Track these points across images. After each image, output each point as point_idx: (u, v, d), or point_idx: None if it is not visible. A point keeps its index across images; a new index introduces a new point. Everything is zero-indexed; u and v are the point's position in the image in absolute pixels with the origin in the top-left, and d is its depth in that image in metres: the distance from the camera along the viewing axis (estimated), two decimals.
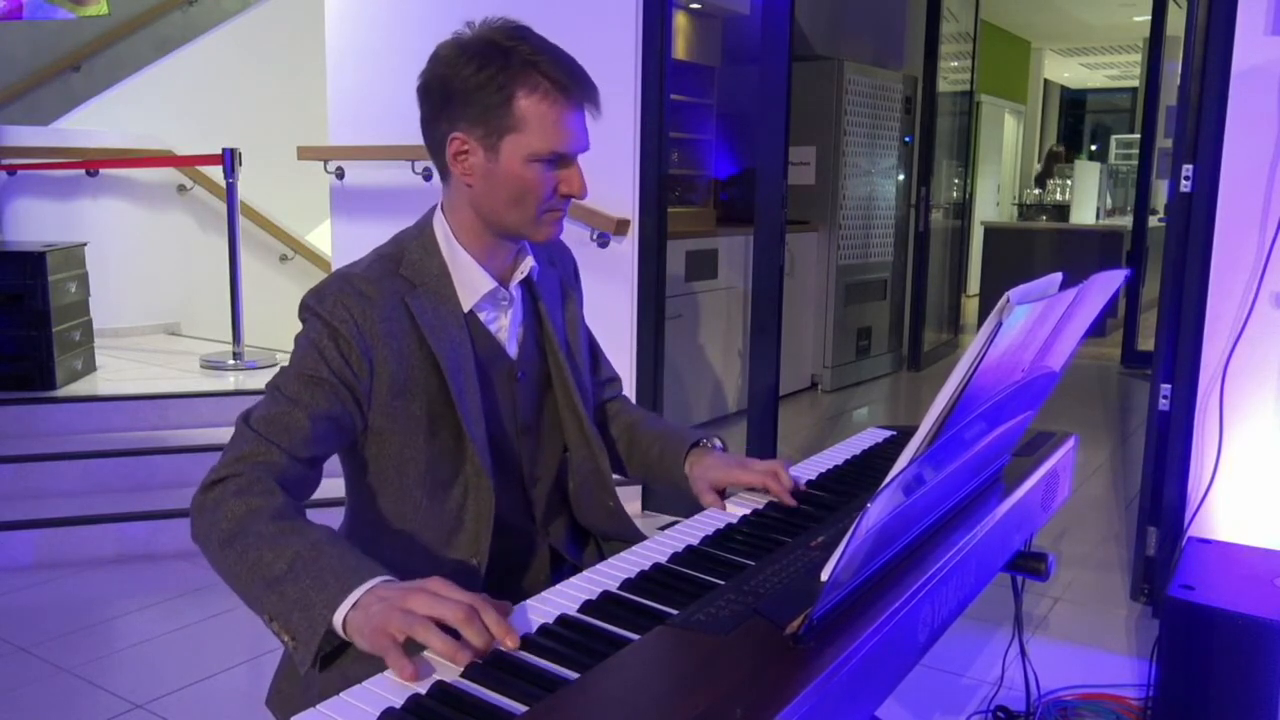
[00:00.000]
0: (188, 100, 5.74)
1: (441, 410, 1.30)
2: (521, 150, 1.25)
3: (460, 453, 1.32)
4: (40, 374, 3.91)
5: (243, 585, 1.08)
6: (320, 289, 1.27)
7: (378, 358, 1.25)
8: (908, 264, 6.49)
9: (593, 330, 1.61)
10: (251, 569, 1.06)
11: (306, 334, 1.26)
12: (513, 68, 1.23)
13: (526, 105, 1.24)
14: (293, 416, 1.20)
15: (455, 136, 1.27)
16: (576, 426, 1.46)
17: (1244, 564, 2.28)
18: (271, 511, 1.11)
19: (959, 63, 6.86)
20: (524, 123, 1.24)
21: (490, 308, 1.38)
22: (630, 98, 3.49)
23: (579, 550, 1.51)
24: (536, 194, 1.27)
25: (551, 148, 1.25)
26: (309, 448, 1.21)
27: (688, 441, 1.49)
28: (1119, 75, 13.17)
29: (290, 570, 1.04)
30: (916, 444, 0.94)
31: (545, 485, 1.46)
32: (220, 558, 1.10)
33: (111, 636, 2.78)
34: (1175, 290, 2.73)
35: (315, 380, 1.22)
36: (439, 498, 1.32)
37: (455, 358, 1.30)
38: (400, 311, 1.28)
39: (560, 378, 1.44)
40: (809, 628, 0.90)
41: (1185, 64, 2.67)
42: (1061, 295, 1.10)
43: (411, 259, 1.33)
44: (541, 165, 1.26)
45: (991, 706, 2.33)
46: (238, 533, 1.09)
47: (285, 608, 1.02)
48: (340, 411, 1.24)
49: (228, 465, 1.17)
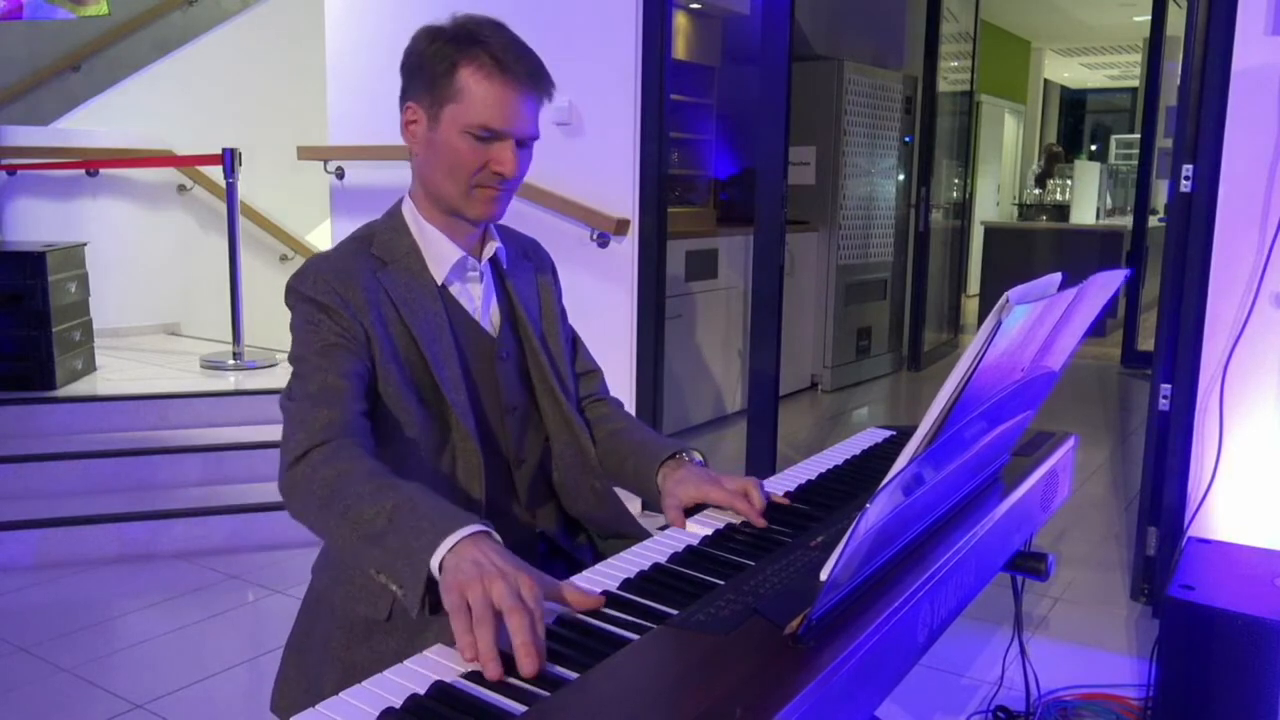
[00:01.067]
0: (188, 100, 5.74)
1: (423, 380, 1.34)
2: (458, 121, 1.30)
3: (445, 420, 1.35)
4: (40, 374, 3.91)
5: (348, 545, 1.12)
6: (301, 272, 1.32)
7: (365, 322, 1.30)
8: (908, 264, 6.49)
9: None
10: (353, 527, 1.11)
11: (299, 316, 1.31)
12: (461, 42, 1.30)
13: (466, 76, 1.30)
14: (329, 381, 1.25)
15: (408, 105, 1.36)
16: (556, 409, 1.47)
17: (1244, 564, 2.28)
18: (363, 472, 1.16)
19: (959, 63, 6.86)
20: (462, 94, 1.30)
21: (460, 280, 1.41)
22: (630, 98, 3.49)
23: (570, 538, 1.51)
24: (466, 166, 1.32)
25: (483, 121, 1.30)
26: (358, 402, 1.26)
27: (662, 454, 1.46)
28: (1119, 75, 13.17)
29: (391, 523, 1.08)
30: (916, 444, 0.94)
31: (530, 468, 1.47)
32: (322, 523, 1.15)
33: (111, 636, 2.78)
34: (1175, 290, 2.73)
35: (327, 347, 1.27)
36: (433, 465, 1.35)
37: (430, 328, 1.34)
38: (375, 285, 1.33)
39: (535, 361, 1.46)
40: (808, 627, 0.90)
41: (1185, 64, 2.67)
42: (1061, 295, 1.10)
43: (382, 239, 1.39)
44: (473, 139, 1.30)
45: (991, 706, 2.33)
46: (334, 496, 1.14)
47: (389, 559, 1.06)
48: (362, 368, 1.28)
49: (303, 441, 1.21)
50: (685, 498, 1.38)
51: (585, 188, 3.58)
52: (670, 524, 1.37)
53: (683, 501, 1.38)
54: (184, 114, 5.66)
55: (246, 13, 6.15)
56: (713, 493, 1.37)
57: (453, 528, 1.04)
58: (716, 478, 1.39)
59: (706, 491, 1.37)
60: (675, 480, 1.41)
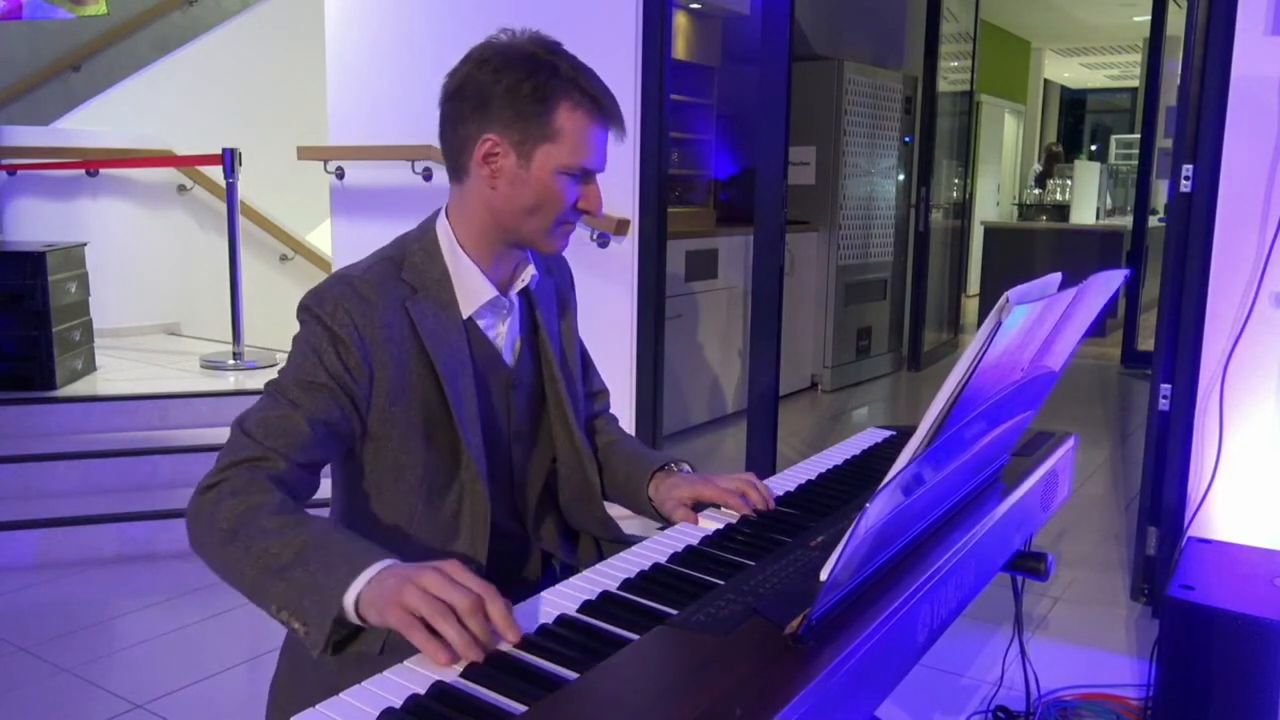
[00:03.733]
0: (188, 100, 5.75)
1: (438, 416, 1.29)
2: (553, 161, 1.27)
3: (456, 459, 1.31)
4: (40, 374, 3.91)
5: (247, 580, 1.07)
6: (320, 291, 1.26)
7: (377, 362, 1.24)
8: (908, 264, 6.49)
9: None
10: (256, 562, 1.05)
11: (305, 337, 1.24)
12: (557, 81, 1.26)
13: (565, 118, 1.26)
14: (291, 420, 1.19)
15: (489, 138, 1.27)
16: (567, 438, 1.46)
17: (1244, 564, 2.28)
18: (271, 508, 1.10)
19: (959, 63, 6.86)
20: (561, 134, 1.26)
21: (490, 315, 1.37)
22: (630, 98, 3.49)
23: (572, 549, 1.51)
24: (558, 205, 1.29)
25: (581, 162, 1.28)
26: (307, 453, 1.20)
27: (653, 466, 1.47)
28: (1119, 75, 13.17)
29: (298, 558, 1.03)
30: (916, 444, 0.94)
31: (534, 489, 1.46)
32: (222, 556, 1.09)
33: (111, 636, 2.78)
34: (1175, 290, 2.73)
35: (314, 385, 1.21)
36: (435, 504, 1.32)
37: (453, 365, 1.30)
38: (400, 316, 1.27)
39: (554, 389, 1.44)
40: (808, 628, 0.90)
41: (1185, 64, 2.67)
42: (1060, 295, 1.10)
43: (414, 262, 1.32)
44: (568, 178, 1.28)
45: (991, 706, 2.33)
46: (239, 529, 1.09)
47: (295, 594, 1.02)
48: (339, 417, 1.23)
49: (222, 470, 1.16)
50: (681, 497, 1.39)
51: None
52: (681, 520, 1.37)
53: (682, 500, 1.39)
54: (184, 114, 5.67)
55: (246, 13, 6.15)
56: (705, 490, 1.38)
57: (368, 562, 1.01)
58: (708, 478, 1.40)
59: (699, 490, 1.38)
60: (668, 486, 1.42)
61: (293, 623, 1.02)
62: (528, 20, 1.32)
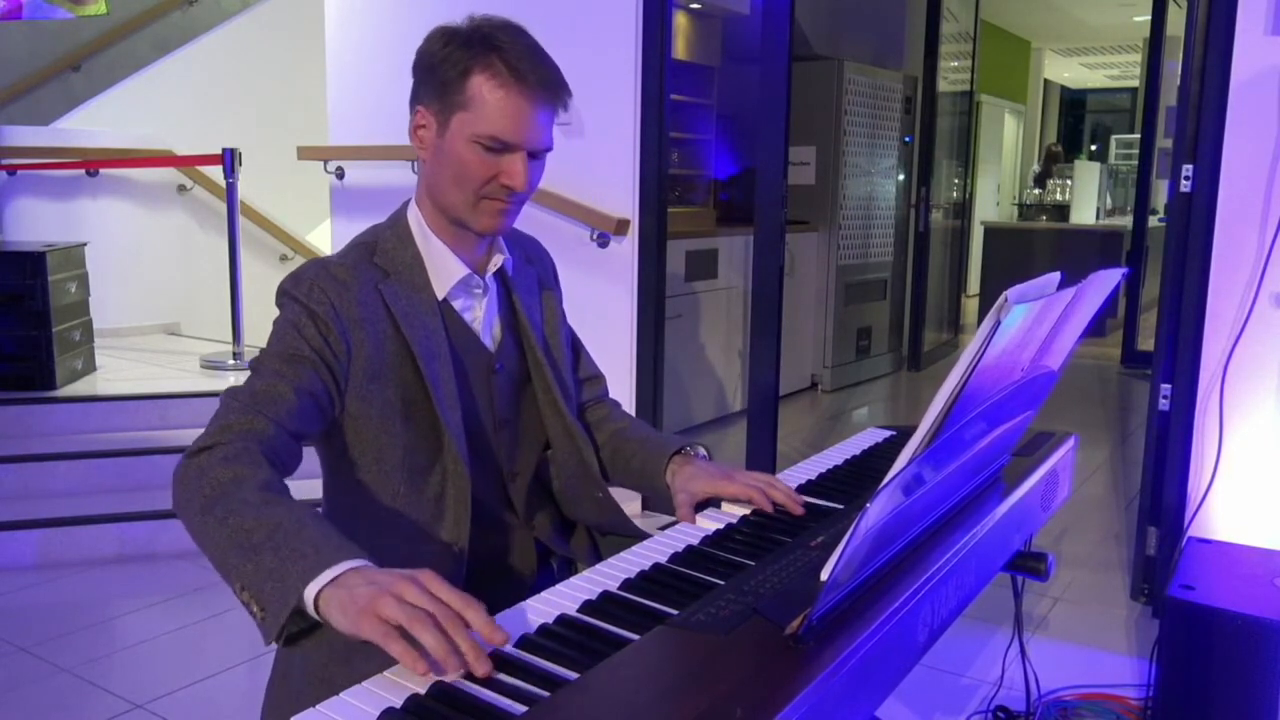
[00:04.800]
0: (188, 100, 5.74)
1: (416, 397, 1.30)
2: (466, 129, 1.25)
3: (437, 441, 1.31)
4: (40, 374, 3.91)
5: (219, 552, 1.04)
6: (297, 274, 1.28)
7: (354, 340, 1.26)
8: (908, 264, 6.50)
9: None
10: (230, 535, 1.03)
11: (285, 317, 1.26)
12: (474, 47, 1.25)
13: (478, 83, 1.24)
14: (278, 389, 1.20)
15: (417, 109, 1.30)
16: (558, 421, 1.44)
17: (1244, 564, 2.28)
18: (258, 482, 1.09)
19: (959, 63, 6.86)
20: (473, 102, 1.25)
21: (464, 295, 1.37)
22: (630, 98, 3.49)
23: (565, 541, 1.50)
24: (474, 177, 1.27)
25: (493, 132, 1.24)
26: (294, 420, 1.20)
27: (669, 450, 1.44)
28: (1119, 75, 13.17)
29: (270, 539, 1.00)
30: (916, 444, 0.94)
31: (524, 480, 1.45)
32: (199, 523, 1.07)
33: (111, 636, 2.78)
34: (1175, 290, 2.73)
35: (296, 357, 1.23)
36: (418, 485, 1.31)
37: (428, 345, 1.30)
38: (375, 297, 1.29)
39: (539, 373, 1.43)
40: (809, 628, 0.90)
41: (1185, 64, 2.67)
42: (1059, 294, 1.10)
43: (385, 248, 1.34)
44: (482, 149, 1.26)
45: (991, 706, 2.33)
46: (220, 498, 1.07)
47: (259, 576, 0.99)
48: (320, 389, 1.24)
49: (214, 434, 1.16)
50: (698, 492, 1.36)
51: (585, 188, 3.58)
52: (680, 519, 1.35)
53: (695, 497, 1.37)
54: (184, 114, 5.67)
55: (246, 13, 6.15)
56: (727, 487, 1.35)
57: (338, 559, 0.97)
58: (729, 472, 1.38)
59: (721, 486, 1.35)
60: (686, 476, 1.39)
61: (252, 605, 0.99)
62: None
